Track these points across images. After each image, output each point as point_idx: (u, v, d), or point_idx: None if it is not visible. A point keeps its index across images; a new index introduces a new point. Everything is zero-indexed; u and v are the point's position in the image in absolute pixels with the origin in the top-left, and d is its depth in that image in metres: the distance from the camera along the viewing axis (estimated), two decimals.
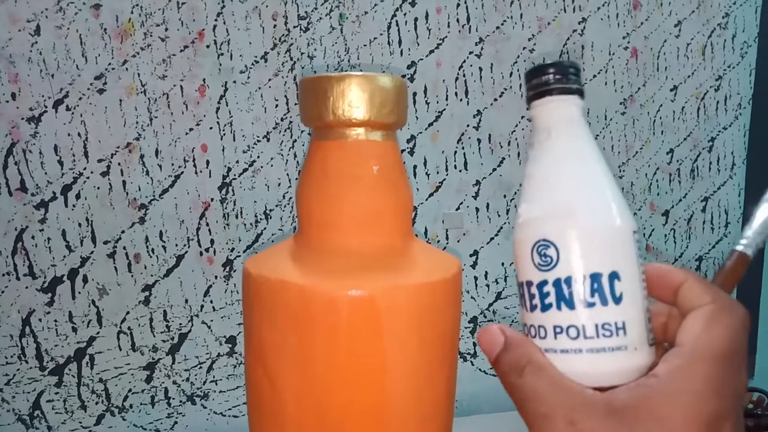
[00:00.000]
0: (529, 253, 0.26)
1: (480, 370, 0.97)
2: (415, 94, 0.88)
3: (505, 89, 0.92)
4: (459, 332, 0.35)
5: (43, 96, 0.76)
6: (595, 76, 0.96)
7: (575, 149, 0.27)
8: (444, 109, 0.90)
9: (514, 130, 0.93)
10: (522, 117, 0.93)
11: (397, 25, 0.86)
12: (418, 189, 0.90)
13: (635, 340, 0.25)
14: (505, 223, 0.94)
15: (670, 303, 0.27)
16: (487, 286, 0.95)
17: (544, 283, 0.26)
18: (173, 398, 0.85)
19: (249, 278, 0.32)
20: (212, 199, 0.83)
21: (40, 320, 0.79)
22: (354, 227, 0.32)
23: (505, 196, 0.94)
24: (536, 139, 0.27)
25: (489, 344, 0.27)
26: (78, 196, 0.78)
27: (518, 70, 0.92)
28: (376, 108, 0.31)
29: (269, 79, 0.83)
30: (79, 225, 0.79)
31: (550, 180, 0.27)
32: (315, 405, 0.30)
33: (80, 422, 0.82)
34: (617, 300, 0.25)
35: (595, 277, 0.25)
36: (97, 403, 0.83)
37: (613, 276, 0.25)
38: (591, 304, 0.25)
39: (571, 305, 0.25)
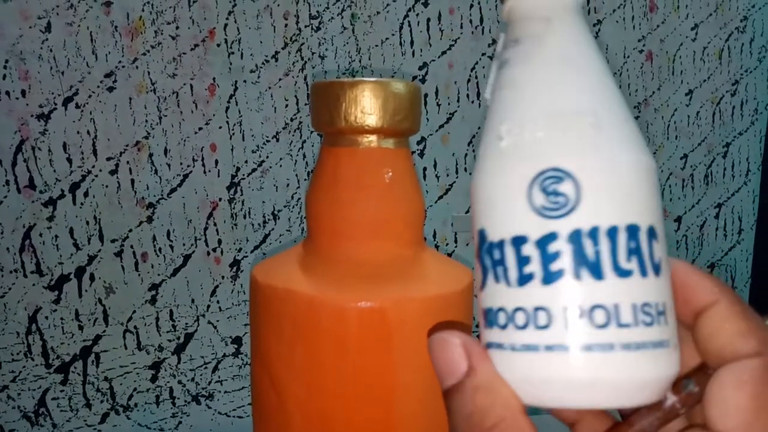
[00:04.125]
0: (525, 192, 0.17)
1: None
2: (426, 95, 0.87)
3: None
4: None
5: (52, 93, 0.75)
6: None
7: (592, 48, 0.18)
8: (455, 111, 0.89)
9: None
10: None
11: (410, 25, 0.85)
12: (427, 191, 0.89)
13: (674, 332, 0.17)
14: None
15: (684, 325, 0.18)
16: None
17: (551, 237, 0.17)
18: (178, 398, 0.85)
19: (256, 286, 0.31)
20: (220, 199, 0.82)
21: (46, 318, 0.79)
22: (364, 236, 0.31)
23: None
24: (523, 32, 0.19)
25: (444, 366, 0.18)
26: (86, 194, 0.78)
27: None
28: (390, 115, 0.30)
29: (280, 79, 0.82)
30: (87, 223, 0.78)
31: (564, 85, 0.18)
32: (321, 418, 0.29)
33: (85, 420, 0.82)
34: (657, 269, 0.17)
35: (633, 232, 0.17)
36: (102, 401, 0.82)
37: (651, 233, 0.17)
38: (627, 273, 0.16)
39: (598, 272, 0.16)
